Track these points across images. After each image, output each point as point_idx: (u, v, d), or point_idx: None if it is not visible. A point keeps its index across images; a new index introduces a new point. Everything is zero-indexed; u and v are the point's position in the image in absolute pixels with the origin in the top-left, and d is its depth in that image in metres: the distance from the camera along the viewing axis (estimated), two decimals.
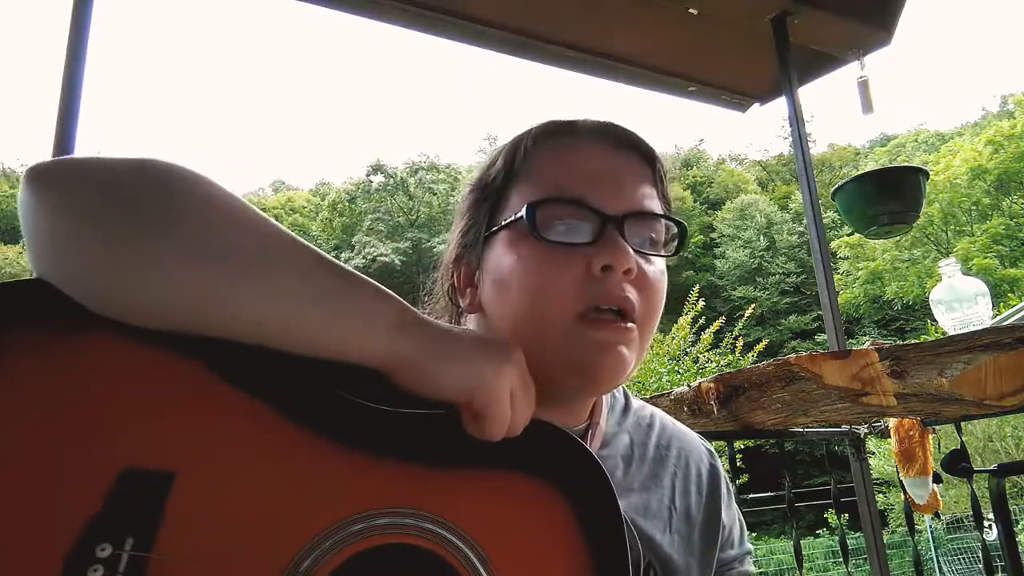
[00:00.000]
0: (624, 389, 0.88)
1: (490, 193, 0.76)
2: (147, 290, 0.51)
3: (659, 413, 0.88)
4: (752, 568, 0.86)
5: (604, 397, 0.81)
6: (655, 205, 0.73)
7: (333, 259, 0.58)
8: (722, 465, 0.88)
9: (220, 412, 0.53)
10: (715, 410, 1.88)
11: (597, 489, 0.59)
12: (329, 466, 0.54)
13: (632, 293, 0.68)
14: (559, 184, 0.70)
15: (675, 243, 0.75)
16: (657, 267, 0.72)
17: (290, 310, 0.54)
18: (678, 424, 0.89)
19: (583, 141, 0.74)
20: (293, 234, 0.58)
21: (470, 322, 0.79)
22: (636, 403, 0.88)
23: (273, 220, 0.59)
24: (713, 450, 0.88)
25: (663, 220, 0.73)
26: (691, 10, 2.53)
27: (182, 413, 0.52)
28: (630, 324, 0.68)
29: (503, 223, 0.72)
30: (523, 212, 0.69)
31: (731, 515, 0.85)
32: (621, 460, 0.79)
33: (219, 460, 0.52)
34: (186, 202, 0.54)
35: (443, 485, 0.57)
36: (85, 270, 0.52)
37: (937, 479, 2.20)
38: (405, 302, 0.59)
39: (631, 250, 0.67)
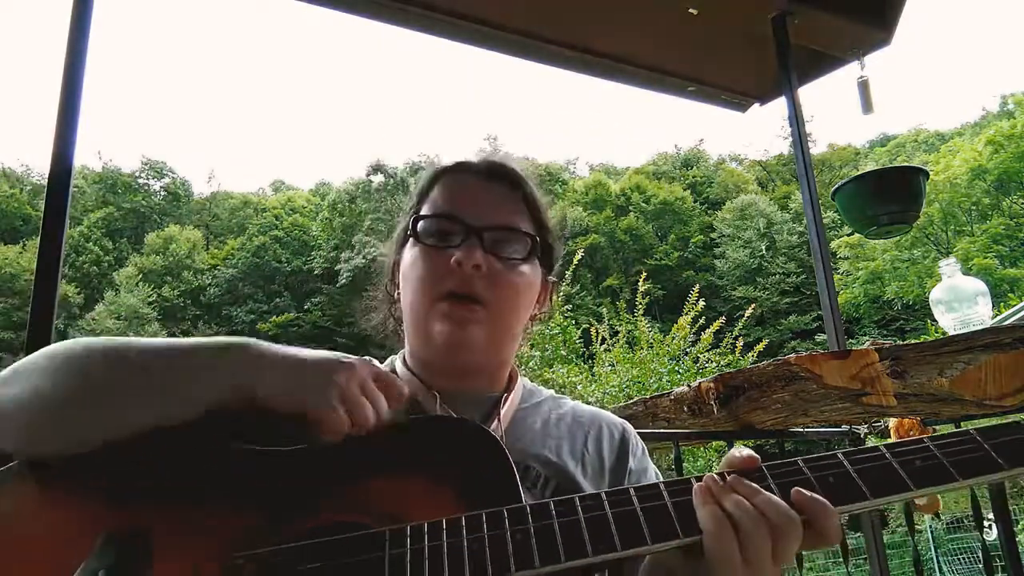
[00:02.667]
0: (546, 390, 1.05)
1: (410, 213, 1.00)
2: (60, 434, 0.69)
3: (577, 403, 1.04)
4: None
5: (520, 382, 1.00)
6: (518, 223, 0.94)
7: (171, 348, 0.74)
8: (636, 435, 1.02)
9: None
10: (715, 410, 1.88)
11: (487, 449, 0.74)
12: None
13: (480, 283, 0.88)
14: (441, 205, 0.94)
15: (530, 251, 0.94)
16: (514, 268, 0.92)
17: (147, 415, 0.70)
18: (596, 408, 1.05)
19: (465, 175, 0.97)
20: (136, 346, 0.74)
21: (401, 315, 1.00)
22: (558, 396, 1.05)
23: (116, 341, 0.75)
24: (628, 425, 1.03)
25: (522, 234, 0.93)
26: (691, 10, 2.53)
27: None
28: (475, 305, 0.88)
29: (409, 234, 0.96)
30: (410, 223, 0.94)
31: (641, 467, 0.97)
32: (540, 418, 0.97)
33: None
34: (47, 364, 0.72)
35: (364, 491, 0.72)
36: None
37: None
38: (245, 346, 0.74)
39: (481, 252, 0.88)
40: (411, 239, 0.95)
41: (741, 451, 0.71)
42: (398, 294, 0.99)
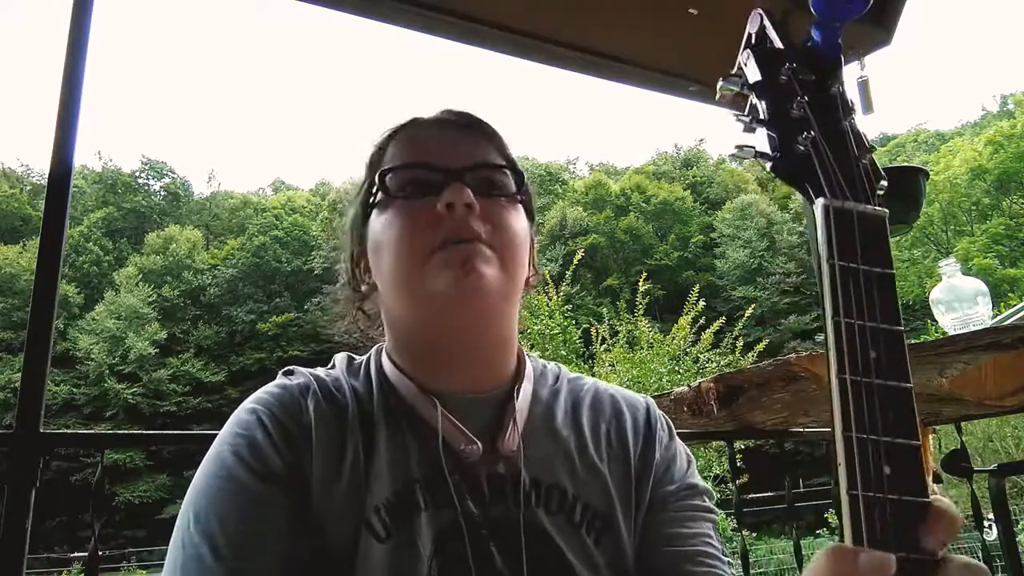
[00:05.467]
0: (559, 366, 0.93)
1: (363, 189, 0.86)
2: None
3: (597, 381, 0.92)
4: (707, 502, 0.84)
5: (529, 365, 0.86)
6: (497, 159, 0.82)
7: None
8: (662, 413, 0.91)
9: None
10: (715, 410, 1.88)
11: None
12: None
13: (480, 224, 0.75)
14: (408, 156, 0.81)
15: (518, 186, 0.82)
16: (507, 207, 0.80)
17: None
18: (617, 388, 0.93)
19: (422, 126, 0.85)
20: None
21: (378, 304, 0.85)
22: (571, 375, 0.92)
23: None
24: (652, 402, 0.92)
25: (505, 172, 0.81)
26: (691, 10, 2.53)
27: None
28: (480, 244, 0.74)
29: (372, 202, 0.82)
30: (377, 180, 0.80)
31: (668, 455, 0.86)
32: (559, 410, 0.84)
33: None
34: None
35: None
36: None
37: (937, 479, 2.20)
38: None
39: (470, 191, 0.75)
40: (377, 207, 0.80)
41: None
42: (368, 283, 0.85)
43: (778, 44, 0.76)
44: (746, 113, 0.72)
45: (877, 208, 0.64)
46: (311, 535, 0.68)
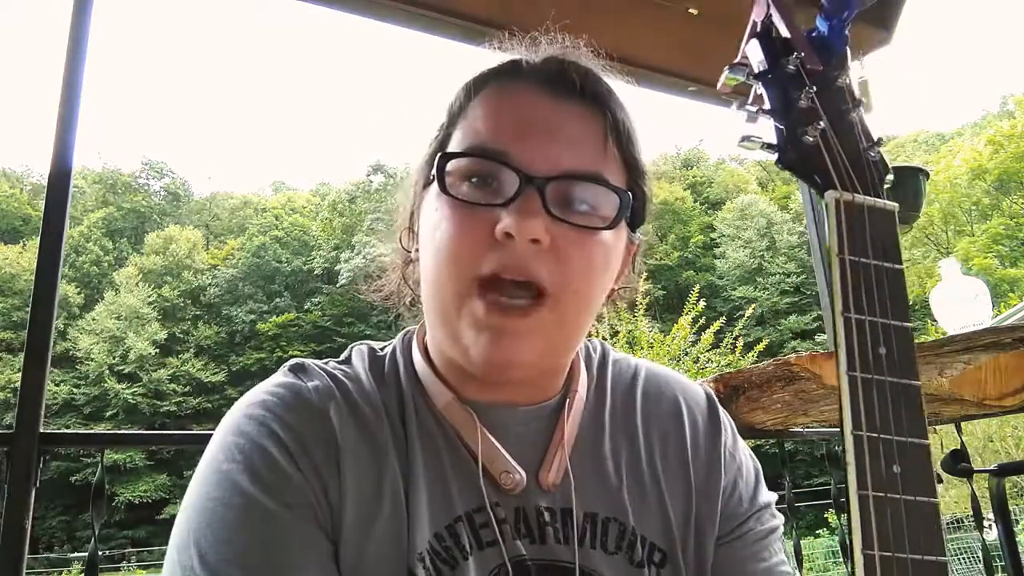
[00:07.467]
0: (602, 343, 0.80)
1: (438, 137, 0.68)
2: None
3: (647, 364, 0.78)
4: (775, 522, 0.73)
5: (580, 359, 0.73)
6: (603, 169, 0.62)
7: None
8: (723, 409, 0.76)
9: None
10: None
11: None
12: None
13: (541, 263, 0.58)
14: (485, 135, 0.62)
15: (616, 214, 0.62)
16: (588, 237, 0.61)
17: None
18: (667, 370, 0.78)
19: (526, 86, 0.65)
20: None
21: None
22: (617, 355, 0.78)
23: None
24: (712, 393, 0.77)
25: (609, 189, 0.61)
26: (691, 10, 2.53)
27: None
28: (527, 303, 0.59)
29: (432, 177, 0.63)
30: (435, 164, 0.61)
31: (735, 465, 0.73)
32: (610, 415, 0.71)
33: None
34: None
35: None
36: None
37: (937, 479, 2.20)
38: None
39: (544, 217, 0.58)
40: (435, 182, 0.62)
41: None
42: (416, 251, 0.68)
43: (785, 33, 0.71)
44: (750, 102, 0.68)
45: (887, 202, 0.62)
46: None
